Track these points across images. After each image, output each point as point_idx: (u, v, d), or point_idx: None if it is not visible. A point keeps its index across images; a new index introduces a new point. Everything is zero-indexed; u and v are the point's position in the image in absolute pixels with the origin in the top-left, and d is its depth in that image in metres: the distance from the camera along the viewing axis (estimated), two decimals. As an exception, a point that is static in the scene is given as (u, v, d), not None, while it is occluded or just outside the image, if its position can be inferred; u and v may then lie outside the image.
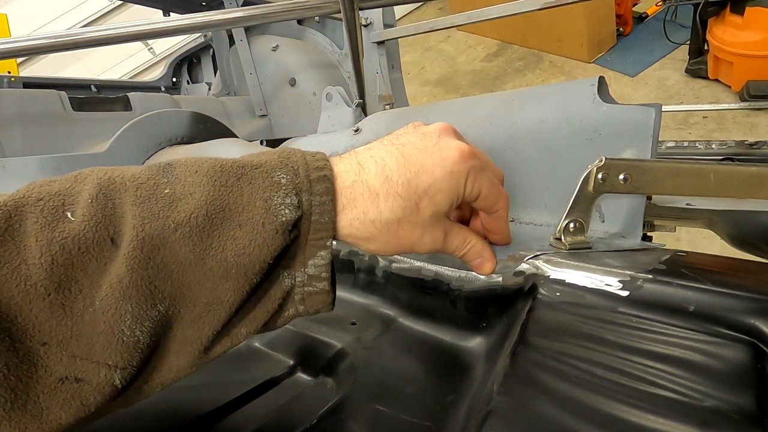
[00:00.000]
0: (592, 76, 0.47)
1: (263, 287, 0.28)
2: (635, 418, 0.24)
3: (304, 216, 0.28)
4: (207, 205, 0.26)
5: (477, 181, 0.32)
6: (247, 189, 0.27)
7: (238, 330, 0.29)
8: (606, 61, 2.96)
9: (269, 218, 0.27)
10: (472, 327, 0.41)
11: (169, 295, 0.26)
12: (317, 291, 0.30)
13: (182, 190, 0.27)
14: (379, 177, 0.30)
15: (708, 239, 1.48)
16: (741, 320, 0.27)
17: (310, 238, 0.29)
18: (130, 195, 0.26)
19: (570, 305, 0.33)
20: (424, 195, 0.30)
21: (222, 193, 0.27)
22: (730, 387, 0.24)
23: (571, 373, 0.27)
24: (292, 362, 0.45)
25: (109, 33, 0.84)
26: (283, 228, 0.27)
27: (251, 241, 0.26)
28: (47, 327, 0.24)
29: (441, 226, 0.32)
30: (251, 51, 1.45)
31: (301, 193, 0.28)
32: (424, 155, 0.31)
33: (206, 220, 0.26)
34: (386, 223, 0.30)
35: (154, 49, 4.08)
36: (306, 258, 0.29)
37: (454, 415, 0.32)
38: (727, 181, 0.39)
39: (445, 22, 0.99)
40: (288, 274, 0.29)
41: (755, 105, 2.24)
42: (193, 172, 0.28)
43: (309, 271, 0.29)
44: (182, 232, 0.25)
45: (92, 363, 0.24)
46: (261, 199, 0.27)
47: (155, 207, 0.26)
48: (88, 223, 0.25)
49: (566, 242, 0.39)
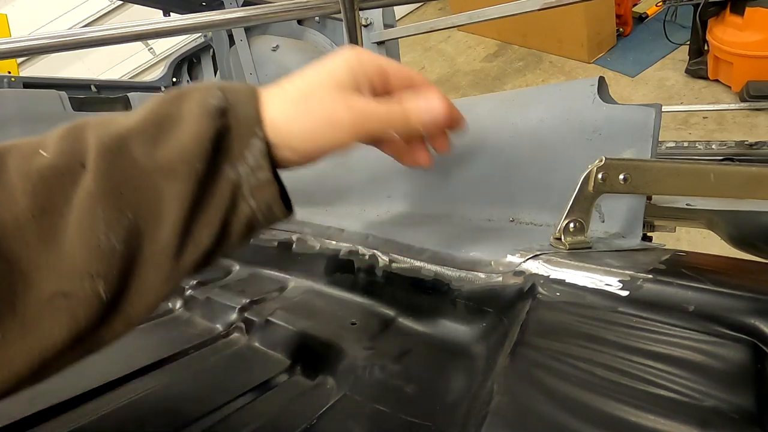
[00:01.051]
0: (592, 76, 0.47)
1: (210, 182, 0.31)
2: (635, 418, 0.24)
3: (230, 108, 0.32)
4: (153, 114, 0.31)
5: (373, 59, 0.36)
6: (186, 101, 0.32)
7: (200, 232, 0.31)
8: (606, 61, 2.96)
9: (199, 110, 0.31)
10: (472, 327, 0.41)
11: (135, 202, 0.29)
12: (261, 183, 0.32)
13: (133, 113, 0.31)
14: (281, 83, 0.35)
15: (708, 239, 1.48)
16: (741, 320, 0.27)
17: (240, 129, 0.32)
18: (92, 127, 0.30)
19: (570, 305, 0.33)
20: (322, 70, 0.35)
21: (164, 107, 0.31)
22: (730, 387, 0.24)
23: (571, 373, 0.27)
24: (292, 362, 0.45)
25: (109, 33, 0.84)
26: (211, 112, 0.31)
27: (188, 131, 0.30)
28: (37, 251, 0.27)
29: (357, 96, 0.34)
30: (251, 51, 1.45)
31: (226, 93, 0.32)
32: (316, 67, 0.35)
33: (153, 125, 0.30)
34: (293, 100, 0.34)
35: (154, 49, 4.08)
36: (242, 147, 0.32)
37: (454, 415, 0.32)
38: (727, 181, 0.39)
39: (445, 22, 0.99)
40: (230, 166, 0.32)
41: (755, 105, 2.24)
42: (144, 105, 0.32)
43: (249, 161, 0.32)
44: (131, 133, 0.30)
45: (76, 275, 0.27)
46: (196, 104, 0.31)
47: (111, 126, 0.30)
48: (59, 154, 0.29)
49: (566, 242, 0.39)
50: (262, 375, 0.43)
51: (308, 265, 0.59)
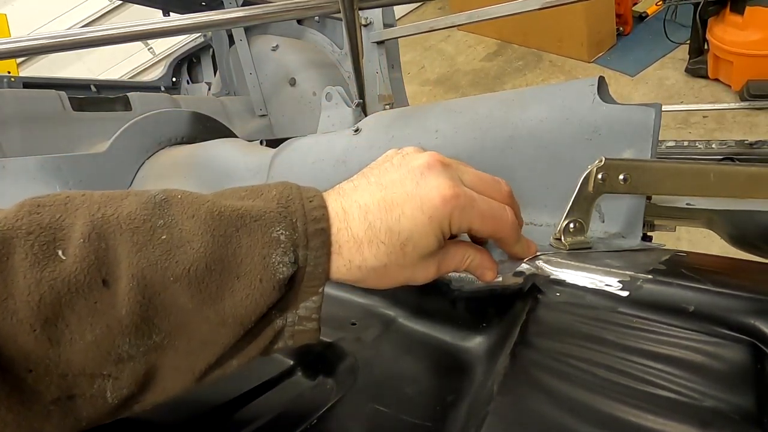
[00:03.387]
0: (592, 75, 0.47)
1: (256, 328, 0.30)
2: (635, 418, 0.24)
3: (299, 270, 0.29)
4: (206, 257, 0.27)
5: (463, 219, 0.32)
6: (246, 241, 0.28)
7: (230, 363, 0.30)
8: (606, 60, 2.96)
9: (267, 275, 0.28)
10: (472, 327, 0.41)
11: (166, 330, 0.27)
12: (306, 330, 0.31)
13: (179, 236, 0.27)
14: (362, 224, 0.31)
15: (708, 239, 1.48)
16: (741, 320, 0.27)
17: (304, 285, 0.30)
18: (125, 239, 0.26)
19: (570, 305, 0.33)
20: (408, 241, 0.31)
21: (220, 244, 0.27)
22: (730, 387, 0.24)
23: (571, 373, 0.27)
24: (292, 362, 0.45)
25: (109, 33, 0.84)
26: (280, 284, 0.28)
27: (248, 295, 0.28)
28: (33, 356, 0.24)
29: (432, 260, 0.33)
30: (251, 51, 1.45)
31: (298, 249, 0.29)
32: (405, 198, 0.31)
33: (205, 272, 0.27)
34: (372, 268, 0.31)
35: (154, 49, 4.08)
36: (298, 301, 0.30)
37: (454, 415, 0.32)
38: (727, 181, 0.39)
39: (445, 22, 0.99)
40: (280, 316, 0.30)
41: (755, 104, 2.24)
42: (191, 216, 0.28)
43: (300, 313, 0.31)
44: (181, 284, 0.26)
45: (85, 376, 0.25)
46: (259, 255, 0.28)
47: (152, 255, 0.26)
48: (80, 265, 0.25)
49: (566, 242, 0.39)
50: (262, 375, 0.43)
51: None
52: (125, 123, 0.93)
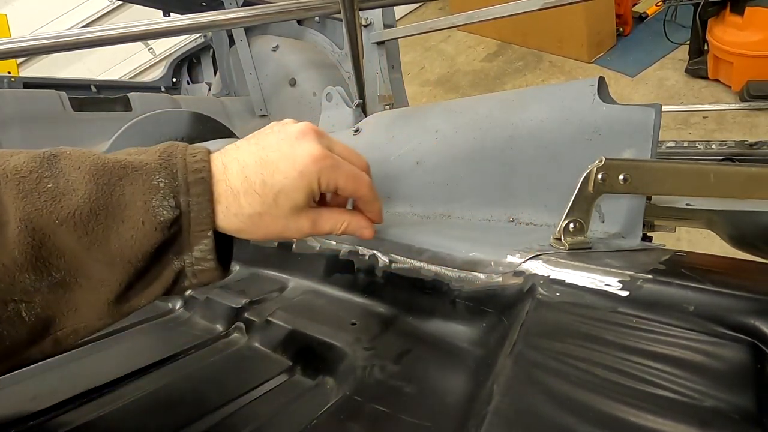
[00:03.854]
0: (592, 76, 0.47)
1: (155, 269, 0.32)
2: (635, 418, 0.24)
3: (182, 214, 0.32)
4: (90, 202, 0.29)
5: (330, 177, 0.36)
6: (129, 189, 0.30)
7: (138, 299, 0.32)
8: (606, 61, 2.96)
9: (148, 218, 0.30)
10: (472, 327, 0.41)
11: (64, 269, 0.29)
12: (205, 269, 0.34)
13: (65, 185, 0.29)
14: (239, 177, 0.34)
15: (708, 239, 1.48)
16: (741, 320, 0.27)
17: (192, 230, 0.33)
18: (11, 187, 0.28)
19: (570, 305, 0.33)
20: (280, 193, 0.35)
21: (104, 191, 0.29)
22: (730, 387, 0.24)
23: (571, 373, 0.27)
24: (292, 362, 0.45)
25: (109, 33, 0.84)
26: (162, 226, 0.31)
27: (132, 236, 0.30)
28: None
29: (305, 215, 0.37)
30: (251, 51, 1.45)
31: (179, 194, 0.32)
32: (280, 157, 0.35)
33: (90, 216, 0.29)
34: (248, 216, 0.34)
35: (154, 49, 4.08)
36: (191, 245, 0.33)
37: (454, 415, 0.32)
38: (727, 181, 0.39)
39: (445, 22, 0.99)
40: (177, 258, 0.33)
41: (755, 105, 2.24)
42: (77, 167, 0.30)
43: (196, 255, 0.33)
44: (67, 226, 0.28)
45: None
46: (141, 200, 0.30)
47: (38, 201, 0.28)
48: None
49: (566, 242, 0.39)
50: (262, 375, 0.43)
51: (308, 266, 0.59)
52: (125, 123, 0.93)
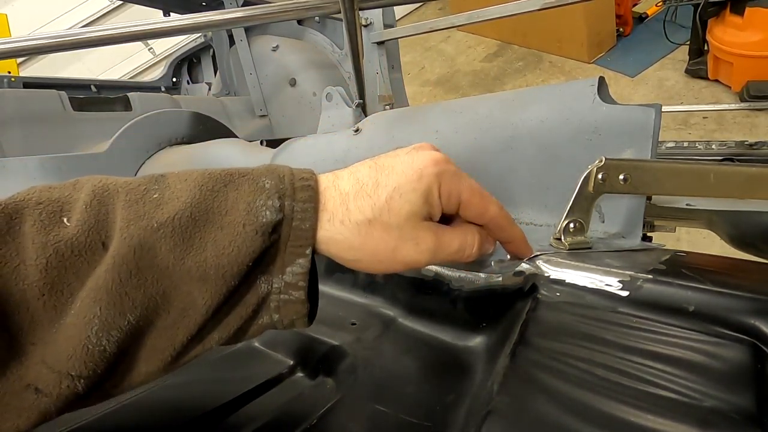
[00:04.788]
0: (592, 76, 0.47)
1: (239, 291, 0.28)
2: (635, 418, 0.24)
3: (285, 220, 0.28)
4: (191, 207, 0.27)
5: (453, 185, 0.31)
6: (233, 195, 0.28)
7: (211, 336, 0.29)
8: (606, 61, 2.96)
9: (250, 219, 0.27)
10: (472, 327, 0.41)
11: (141, 305, 0.26)
12: (293, 300, 0.29)
13: (170, 194, 0.27)
14: (350, 181, 0.31)
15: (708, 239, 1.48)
16: (741, 320, 0.27)
17: (290, 244, 0.28)
18: (120, 200, 0.27)
19: (570, 305, 0.33)
20: (395, 192, 0.29)
21: (207, 197, 0.27)
22: (730, 387, 0.24)
23: (571, 373, 0.27)
24: (292, 362, 0.45)
25: (109, 33, 0.84)
26: (263, 229, 0.27)
27: (231, 242, 0.27)
28: (39, 327, 0.25)
29: (426, 228, 0.31)
30: (251, 51, 1.45)
31: (284, 197, 0.28)
32: (395, 161, 0.31)
33: (189, 221, 0.26)
34: (355, 223, 0.29)
35: (154, 49, 4.08)
36: (284, 264, 0.29)
37: (454, 415, 0.32)
38: (727, 182, 0.39)
39: (445, 23, 0.99)
40: (265, 280, 0.29)
41: (755, 105, 2.24)
42: (183, 180, 0.28)
43: (286, 278, 0.29)
44: (164, 231, 0.26)
45: (55, 373, 0.24)
46: (244, 202, 0.27)
47: (141, 209, 0.26)
48: (81, 228, 0.25)
49: (566, 242, 0.39)
50: (262, 375, 0.43)
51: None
52: (125, 123, 0.93)
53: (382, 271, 0.31)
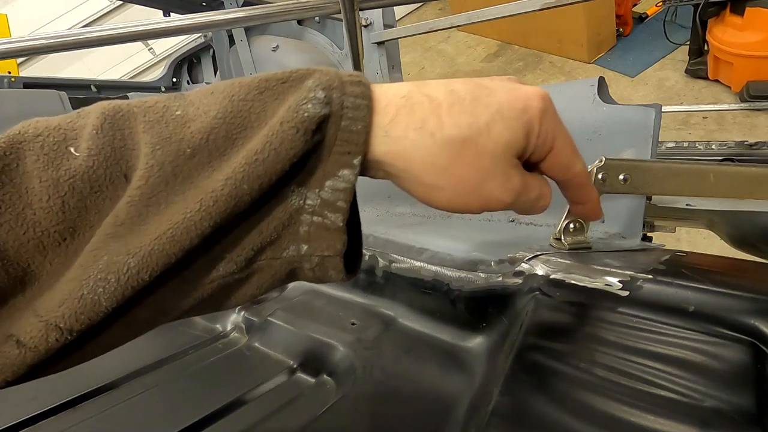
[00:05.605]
0: (592, 76, 0.47)
1: (267, 203, 0.23)
2: (635, 418, 0.24)
3: (332, 116, 0.22)
4: (225, 123, 0.22)
5: (553, 127, 0.27)
6: (272, 104, 0.23)
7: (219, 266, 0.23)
8: (606, 61, 2.96)
9: (289, 116, 0.22)
10: (472, 327, 0.41)
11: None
12: (327, 226, 0.23)
13: (194, 111, 0.23)
14: (441, 89, 0.25)
15: (708, 239, 1.48)
16: (741, 320, 0.27)
17: (336, 149, 0.23)
18: (139, 121, 0.22)
19: (570, 305, 0.33)
20: (497, 115, 0.24)
21: (241, 109, 0.22)
22: (730, 387, 0.24)
23: (571, 373, 0.27)
24: (292, 362, 0.45)
25: (109, 33, 0.84)
26: (305, 126, 0.22)
27: (266, 144, 0.21)
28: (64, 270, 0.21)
29: (516, 165, 0.26)
30: (251, 51, 1.45)
31: (332, 89, 0.22)
32: (495, 83, 0.26)
33: (226, 140, 0.22)
34: (448, 139, 0.24)
35: (154, 49, 4.08)
36: (325, 175, 0.23)
37: (454, 415, 0.32)
38: (727, 182, 0.39)
39: (445, 23, 0.99)
40: (298, 192, 0.23)
41: (755, 105, 2.24)
42: (209, 93, 0.24)
43: (324, 194, 0.23)
44: (200, 157, 0.22)
45: (42, 323, 0.20)
46: (288, 109, 0.22)
47: (165, 130, 0.22)
48: (96, 158, 0.21)
49: (566, 242, 0.39)
50: (262, 375, 0.43)
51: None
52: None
53: (455, 207, 0.26)
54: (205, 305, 0.24)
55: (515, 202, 0.27)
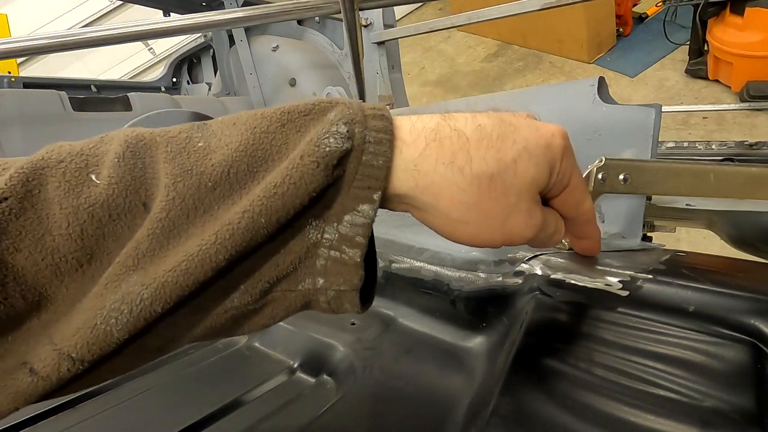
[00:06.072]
0: (592, 76, 0.47)
1: (282, 234, 0.23)
2: (635, 418, 0.24)
3: (354, 151, 0.22)
4: (247, 156, 0.22)
5: (571, 165, 0.27)
6: (293, 137, 0.23)
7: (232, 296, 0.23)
8: (606, 61, 2.96)
9: (310, 149, 0.21)
10: (472, 327, 0.41)
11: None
12: (344, 261, 0.23)
13: (217, 143, 0.23)
14: (469, 124, 0.25)
15: (708, 239, 1.48)
16: (741, 320, 0.27)
17: (356, 183, 0.23)
18: (161, 151, 0.22)
19: (570, 305, 0.33)
20: (524, 152, 0.25)
21: (263, 141, 0.22)
22: (730, 387, 0.24)
23: (571, 373, 0.27)
24: (292, 362, 0.45)
25: (109, 33, 0.84)
26: (326, 161, 0.21)
27: (285, 177, 0.21)
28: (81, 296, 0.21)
29: (538, 202, 0.27)
30: (251, 51, 1.45)
31: (354, 124, 0.22)
32: (518, 120, 0.26)
33: (247, 174, 0.22)
34: (477, 175, 0.24)
35: (154, 49, 4.08)
36: (344, 209, 0.23)
37: (454, 415, 0.32)
38: (726, 182, 0.39)
39: (445, 23, 0.99)
40: (315, 225, 0.23)
41: (755, 105, 2.24)
42: (231, 124, 0.24)
43: (342, 229, 0.23)
44: (221, 190, 0.22)
45: (56, 352, 0.20)
46: (306, 138, 0.22)
47: (186, 162, 0.22)
48: (116, 187, 0.21)
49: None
50: (262, 375, 0.43)
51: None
52: (125, 123, 0.93)
53: (479, 241, 0.26)
54: (216, 333, 0.24)
55: (535, 237, 0.27)
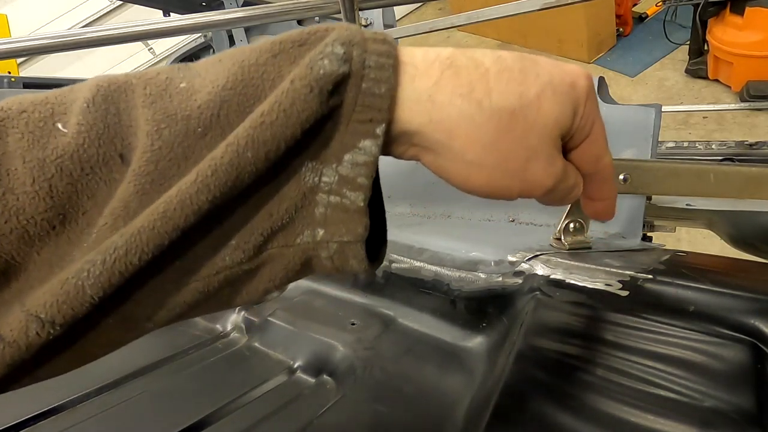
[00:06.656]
0: (592, 76, 0.47)
1: (276, 179, 0.20)
2: (635, 418, 0.24)
3: (352, 76, 0.19)
4: (237, 94, 0.19)
5: (594, 110, 0.24)
6: (288, 68, 0.20)
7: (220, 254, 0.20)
8: (606, 61, 2.96)
9: (302, 72, 0.19)
10: (472, 327, 0.41)
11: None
12: (346, 207, 0.20)
13: (202, 82, 0.20)
14: (489, 56, 0.22)
15: (708, 239, 1.48)
16: (741, 320, 0.27)
17: (355, 116, 0.20)
18: (138, 94, 0.20)
19: (570, 305, 0.33)
20: (548, 88, 0.22)
21: (253, 75, 0.20)
22: (730, 387, 0.24)
23: (571, 373, 0.27)
24: (292, 362, 0.45)
25: (109, 33, 0.84)
26: (321, 84, 0.19)
27: (274, 104, 0.18)
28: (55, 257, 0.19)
29: (559, 148, 0.24)
30: (251, 51, 1.45)
31: (352, 45, 0.19)
32: (540, 58, 0.23)
33: (240, 115, 0.19)
34: (497, 110, 0.21)
35: (154, 49, 4.08)
36: (343, 147, 0.20)
37: (454, 415, 0.32)
38: (726, 182, 0.39)
39: (445, 23, 0.99)
40: (312, 167, 0.20)
41: (755, 105, 2.24)
42: (216, 61, 0.21)
43: (342, 170, 0.20)
44: (212, 135, 0.19)
45: (22, 312, 0.18)
46: (302, 69, 0.19)
47: (170, 106, 0.19)
48: (86, 135, 0.19)
49: (566, 242, 0.39)
50: (262, 375, 0.43)
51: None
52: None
53: (494, 189, 0.23)
54: (213, 301, 0.21)
55: (554, 189, 0.24)
